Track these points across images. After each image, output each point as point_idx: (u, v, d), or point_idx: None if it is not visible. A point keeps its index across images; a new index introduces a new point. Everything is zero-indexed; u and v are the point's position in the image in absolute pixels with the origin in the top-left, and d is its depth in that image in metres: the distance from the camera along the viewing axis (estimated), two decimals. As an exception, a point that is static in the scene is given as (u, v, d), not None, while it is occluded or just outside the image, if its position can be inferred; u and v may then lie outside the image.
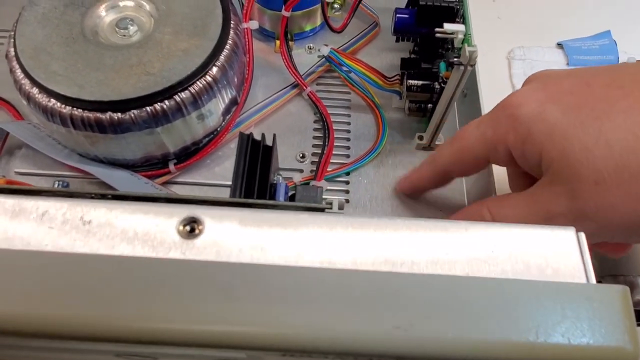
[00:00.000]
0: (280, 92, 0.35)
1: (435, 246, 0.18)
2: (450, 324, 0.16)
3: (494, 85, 0.38)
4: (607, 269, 0.28)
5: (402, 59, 0.32)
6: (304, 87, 0.35)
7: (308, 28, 0.38)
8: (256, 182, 0.21)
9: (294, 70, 0.35)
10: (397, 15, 0.30)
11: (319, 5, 0.36)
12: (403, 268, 0.17)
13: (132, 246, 0.17)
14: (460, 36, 0.26)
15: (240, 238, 0.17)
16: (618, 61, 0.39)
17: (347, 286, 0.16)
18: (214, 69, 0.28)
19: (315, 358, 0.17)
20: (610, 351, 0.16)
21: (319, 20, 0.38)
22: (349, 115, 0.35)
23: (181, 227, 0.17)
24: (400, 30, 0.30)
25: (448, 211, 0.32)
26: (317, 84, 0.37)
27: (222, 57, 0.29)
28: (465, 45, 0.25)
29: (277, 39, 0.36)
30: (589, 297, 0.17)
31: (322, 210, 0.20)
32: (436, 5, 0.27)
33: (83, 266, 0.16)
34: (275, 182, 0.22)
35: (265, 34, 0.38)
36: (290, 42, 0.38)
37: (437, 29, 0.26)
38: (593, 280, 0.17)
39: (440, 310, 0.16)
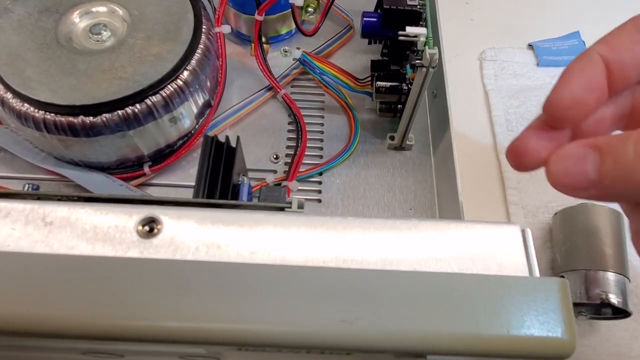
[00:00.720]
0: (255, 95, 0.36)
1: (386, 244, 0.18)
2: (395, 317, 0.16)
3: (466, 85, 0.40)
4: (569, 264, 0.29)
5: (372, 61, 0.33)
6: (278, 90, 0.36)
7: (284, 31, 0.39)
8: (219, 183, 0.22)
9: (268, 73, 0.36)
10: (365, 18, 0.31)
11: (289, 11, 0.37)
12: (353, 264, 0.18)
13: (92, 246, 0.17)
14: (422, 39, 0.26)
15: (198, 236, 0.18)
16: (586, 61, 0.40)
17: (299, 282, 0.17)
18: (185, 73, 0.29)
19: (269, 351, 0.18)
20: (547, 342, 0.17)
21: (294, 23, 0.39)
22: (322, 117, 0.36)
23: (140, 227, 0.18)
24: (368, 34, 0.31)
25: (420, 210, 0.33)
26: (291, 86, 0.37)
27: (193, 61, 0.29)
28: (427, 48, 0.26)
29: (253, 42, 0.37)
30: (530, 289, 0.17)
31: (281, 209, 0.20)
32: (400, 9, 0.28)
33: (42, 266, 0.16)
34: (238, 182, 0.23)
35: (241, 38, 0.39)
36: (265, 45, 0.38)
37: (400, 32, 0.27)
38: (536, 273, 0.18)
39: (385, 304, 0.17)
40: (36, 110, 0.27)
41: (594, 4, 0.44)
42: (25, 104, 0.27)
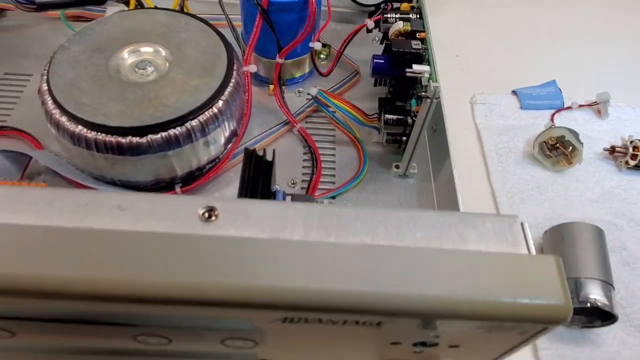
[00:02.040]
0: (273, 128, 0.40)
1: (405, 227, 0.22)
2: (427, 286, 0.20)
3: (459, 124, 0.44)
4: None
5: (380, 99, 0.38)
6: (295, 124, 0.40)
7: (298, 75, 0.44)
8: (259, 189, 0.25)
9: (286, 109, 0.40)
10: (375, 60, 0.36)
11: (307, 55, 0.42)
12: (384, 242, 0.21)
13: (161, 225, 0.20)
14: (426, 75, 0.31)
15: (250, 221, 0.21)
16: (563, 105, 0.46)
17: (341, 257, 0.20)
18: (220, 102, 0.33)
19: (311, 323, 0.21)
20: (549, 307, 0.20)
21: (307, 68, 0.44)
22: (334, 149, 0.40)
23: (201, 213, 0.21)
24: (378, 72, 0.36)
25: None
26: (305, 122, 0.42)
27: (226, 93, 0.34)
28: (431, 81, 0.31)
29: (271, 84, 0.42)
30: (531, 263, 0.21)
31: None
32: (406, 51, 0.33)
33: (121, 240, 0.19)
34: (274, 190, 0.26)
35: (260, 80, 0.44)
36: (282, 87, 0.43)
37: (407, 70, 0.32)
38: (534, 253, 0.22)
39: (418, 275, 0.20)
40: (89, 131, 0.31)
41: (567, 57, 0.51)
42: (80, 126, 0.31)
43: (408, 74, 0.32)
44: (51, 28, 0.47)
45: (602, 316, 0.32)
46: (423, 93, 0.31)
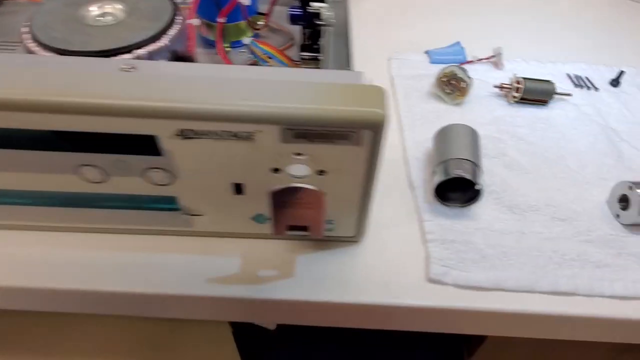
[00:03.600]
0: (217, 75, 0.48)
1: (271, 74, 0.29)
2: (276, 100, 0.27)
3: (378, 76, 0.53)
4: (439, 160, 0.39)
5: (301, 45, 0.47)
6: (235, 71, 0.48)
7: (243, 37, 0.52)
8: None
9: (228, 61, 0.49)
10: (289, 11, 0.44)
11: (247, 21, 0.51)
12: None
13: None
14: (324, 10, 0.40)
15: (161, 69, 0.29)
16: (465, 60, 0.54)
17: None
18: (163, 39, 0.42)
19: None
20: (372, 113, 0.27)
21: (250, 33, 0.53)
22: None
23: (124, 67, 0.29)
24: (294, 19, 0.44)
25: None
26: (245, 72, 0.50)
27: (169, 34, 0.42)
28: (326, 13, 0.39)
29: (217, 40, 0.50)
30: (362, 88, 0.28)
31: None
32: (310, -3, 0.42)
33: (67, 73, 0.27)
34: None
35: (210, 43, 0.52)
36: (228, 48, 0.52)
37: (308, 7, 0.40)
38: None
39: (267, 93, 0.27)
40: (56, 55, 0.39)
41: (471, 22, 0.60)
42: (49, 52, 0.39)
43: (309, 10, 0.40)
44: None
45: (474, 194, 0.38)
46: (321, 22, 0.40)
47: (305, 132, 0.27)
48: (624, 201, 0.39)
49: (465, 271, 0.35)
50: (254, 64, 0.51)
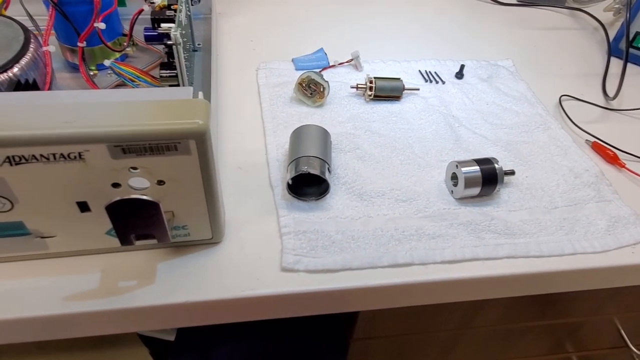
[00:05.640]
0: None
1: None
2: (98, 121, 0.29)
3: (244, 86, 0.56)
4: (291, 158, 0.43)
5: (161, 63, 0.49)
6: (100, 93, 0.49)
7: (111, 59, 0.54)
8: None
9: (92, 83, 0.50)
10: (145, 32, 0.46)
11: (112, 43, 0.52)
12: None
13: None
14: (172, 30, 0.42)
15: None
16: (328, 64, 0.59)
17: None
18: (15, 69, 0.42)
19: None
20: (192, 125, 0.30)
21: (117, 55, 0.54)
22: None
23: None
24: (149, 39, 0.47)
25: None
26: (113, 93, 0.51)
27: (22, 62, 0.43)
28: (173, 33, 0.42)
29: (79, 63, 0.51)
30: (183, 105, 0.31)
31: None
32: (161, 17, 0.44)
33: None
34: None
35: (76, 68, 0.53)
36: (95, 71, 0.53)
37: (158, 28, 0.43)
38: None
39: (93, 113, 0.29)
40: None
41: (333, 31, 0.65)
42: None
43: (159, 32, 0.43)
44: None
45: (323, 188, 0.42)
46: (169, 42, 0.42)
47: (130, 147, 0.30)
48: (455, 179, 0.45)
49: (315, 257, 0.39)
50: (120, 84, 0.52)
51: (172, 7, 0.46)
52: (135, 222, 0.32)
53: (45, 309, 0.34)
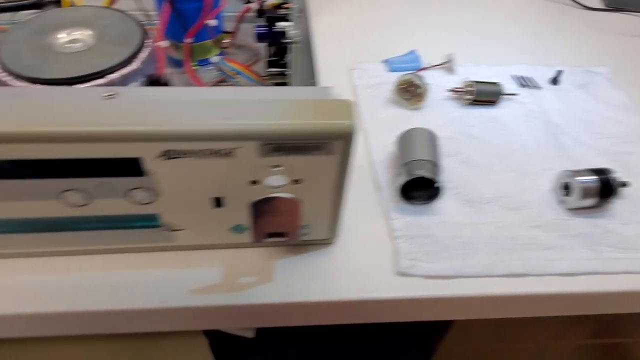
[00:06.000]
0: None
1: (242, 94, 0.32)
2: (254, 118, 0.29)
3: (339, 86, 0.56)
4: (402, 161, 0.43)
5: (267, 60, 0.49)
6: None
7: (209, 56, 0.55)
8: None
9: (196, 78, 0.51)
10: (256, 30, 0.47)
11: (215, 39, 0.53)
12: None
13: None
14: (289, 28, 0.43)
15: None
16: (421, 67, 0.58)
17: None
18: (134, 64, 0.43)
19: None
20: (341, 125, 0.30)
21: (216, 51, 0.55)
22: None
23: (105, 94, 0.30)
24: (260, 37, 0.47)
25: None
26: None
27: (140, 57, 0.44)
28: (292, 31, 0.42)
29: (184, 59, 0.53)
30: (330, 104, 0.31)
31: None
32: (276, 16, 0.45)
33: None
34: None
35: (179, 64, 0.54)
36: (196, 66, 0.54)
37: (275, 26, 0.43)
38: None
39: (250, 112, 0.30)
40: (28, 84, 0.40)
41: (424, 33, 0.64)
42: (22, 82, 0.40)
43: (275, 30, 0.43)
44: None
45: (434, 192, 0.42)
46: (288, 40, 0.43)
47: (282, 145, 0.30)
48: (566, 188, 0.43)
49: (430, 262, 0.38)
50: (221, 80, 0.53)
51: (282, 5, 0.47)
52: (273, 219, 0.32)
53: (170, 301, 0.35)
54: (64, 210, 0.33)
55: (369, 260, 0.39)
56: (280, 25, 0.43)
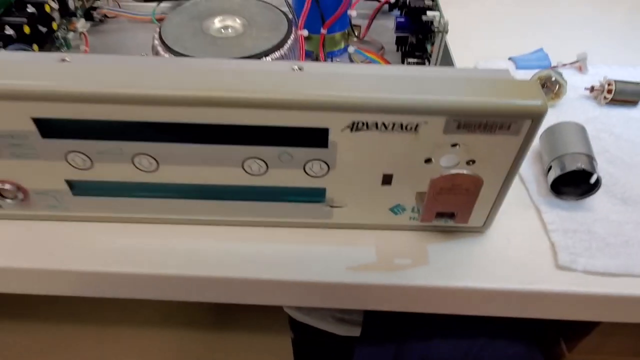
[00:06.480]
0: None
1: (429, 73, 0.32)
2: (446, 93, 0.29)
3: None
4: (554, 156, 0.41)
5: (402, 52, 0.49)
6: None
7: (336, 48, 0.56)
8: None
9: (329, 68, 0.52)
10: (397, 20, 0.47)
11: (344, 32, 0.54)
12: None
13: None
14: (437, 17, 0.43)
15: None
16: (550, 65, 0.56)
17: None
18: (285, 47, 0.45)
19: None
20: (532, 106, 0.29)
21: (343, 44, 0.56)
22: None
23: (295, 67, 0.31)
24: (400, 28, 0.48)
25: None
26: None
27: (289, 42, 0.45)
28: (441, 19, 0.42)
29: (318, 52, 0.54)
30: (520, 83, 0.30)
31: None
32: (421, 7, 0.45)
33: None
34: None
35: (308, 54, 0.56)
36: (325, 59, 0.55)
37: (423, 16, 0.43)
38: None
39: (443, 86, 0.30)
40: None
41: (553, 29, 0.62)
42: (186, 61, 0.42)
43: (424, 19, 0.43)
44: (142, 29, 0.60)
45: (588, 187, 0.40)
46: (436, 28, 0.42)
47: (468, 122, 0.30)
48: None
49: (592, 258, 0.37)
50: (351, 71, 0.54)
51: (426, -4, 0.47)
52: (449, 197, 0.32)
53: (331, 276, 0.36)
54: (243, 179, 0.34)
55: (525, 252, 0.38)
56: (429, 14, 0.43)
